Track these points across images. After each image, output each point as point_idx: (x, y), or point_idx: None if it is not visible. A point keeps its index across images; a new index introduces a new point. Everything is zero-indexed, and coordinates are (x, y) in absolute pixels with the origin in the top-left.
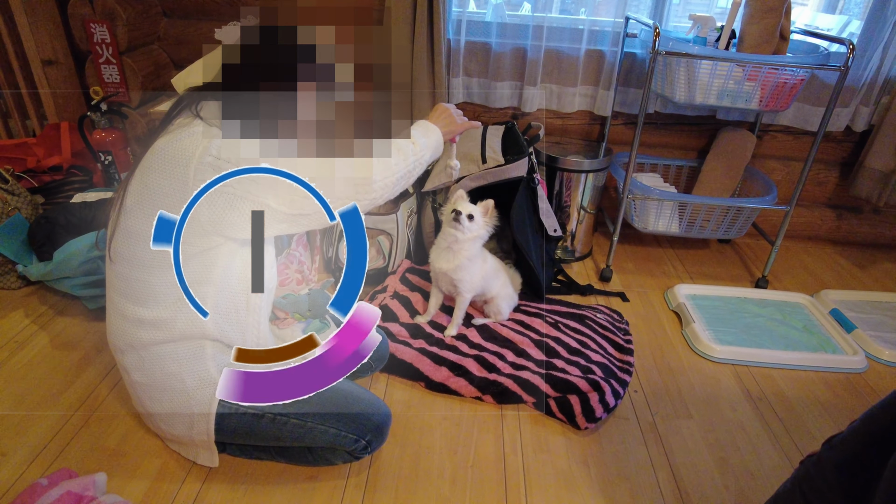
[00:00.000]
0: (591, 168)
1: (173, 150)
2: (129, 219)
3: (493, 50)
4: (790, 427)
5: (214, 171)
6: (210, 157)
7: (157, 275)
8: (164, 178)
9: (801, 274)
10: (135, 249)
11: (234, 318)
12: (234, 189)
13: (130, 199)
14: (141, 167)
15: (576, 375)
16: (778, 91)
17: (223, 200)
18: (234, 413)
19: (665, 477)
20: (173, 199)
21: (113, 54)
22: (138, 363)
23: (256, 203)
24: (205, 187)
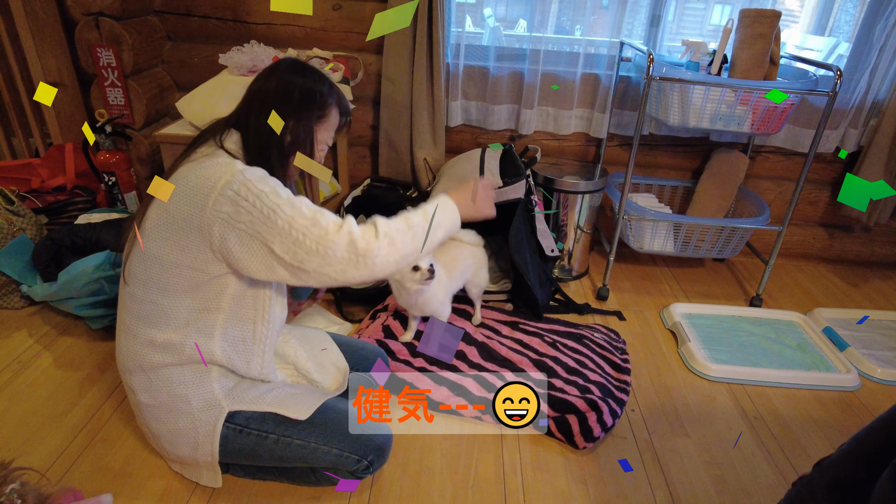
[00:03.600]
0: (587, 189)
1: (196, 179)
2: (150, 242)
3: (490, 74)
4: (785, 446)
5: (232, 205)
6: (231, 191)
7: (171, 298)
8: (185, 204)
9: (794, 292)
10: (150, 272)
11: (241, 346)
12: (245, 227)
13: (149, 223)
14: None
15: (574, 395)
16: (769, 115)
17: (234, 235)
18: (239, 434)
19: (662, 496)
20: (195, 227)
21: (118, 78)
22: (146, 384)
23: (264, 245)
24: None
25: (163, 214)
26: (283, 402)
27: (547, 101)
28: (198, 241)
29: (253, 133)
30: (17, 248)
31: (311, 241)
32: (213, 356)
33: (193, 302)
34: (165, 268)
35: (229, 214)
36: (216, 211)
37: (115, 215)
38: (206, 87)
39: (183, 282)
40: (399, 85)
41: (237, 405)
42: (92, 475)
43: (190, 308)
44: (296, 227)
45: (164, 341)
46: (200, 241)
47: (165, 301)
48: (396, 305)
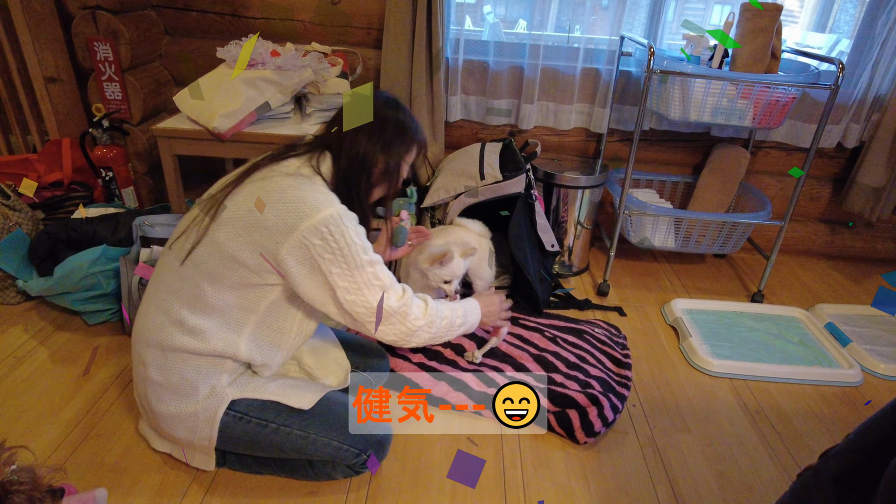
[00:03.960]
0: (587, 184)
1: (294, 198)
2: (220, 231)
3: (490, 68)
4: (787, 440)
5: (322, 241)
6: (326, 228)
7: (217, 289)
8: (274, 216)
9: (795, 288)
10: (208, 258)
11: (266, 349)
12: (323, 264)
13: (228, 214)
14: (251, 188)
15: (574, 390)
16: (770, 109)
17: (308, 265)
18: (239, 421)
19: (664, 491)
20: (273, 239)
21: (115, 72)
22: (160, 361)
23: (330, 286)
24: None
25: (245, 212)
26: (286, 391)
27: (547, 96)
28: (271, 249)
29: (344, 160)
30: (13, 242)
31: (368, 301)
32: (237, 352)
33: (236, 298)
34: (224, 260)
35: (315, 247)
36: (304, 238)
37: (112, 210)
38: (203, 82)
39: (235, 278)
40: (398, 80)
41: (240, 393)
42: (87, 470)
43: (231, 303)
44: (366, 287)
45: (194, 326)
46: (274, 249)
47: (210, 289)
48: None
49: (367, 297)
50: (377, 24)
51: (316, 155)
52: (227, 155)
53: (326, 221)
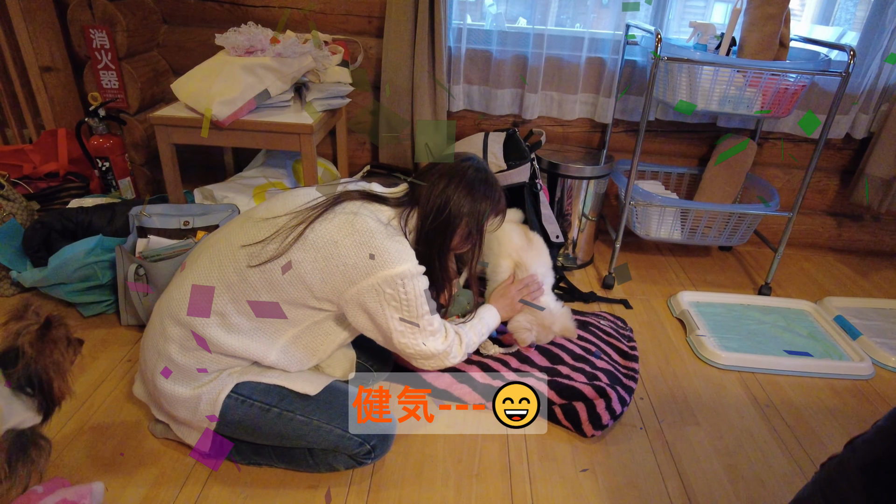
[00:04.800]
0: (592, 175)
1: (379, 245)
2: (298, 251)
3: (493, 57)
4: (799, 434)
5: (392, 291)
6: (400, 281)
7: (272, 300)
8: (355, 256)
9: (803, 281)
10: (276, 273)
11: (294, 362)
12: (386, 306)
13: (314, 237)
14: (342, 220)
15: (581, 382)
16: (779, 97)
17: (374, 305)
18: (241, 404)
19: (674, 485)
20: (347, 277)
21: (112, 60)
22: (185, 341)
23: (388, 325)
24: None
25: (328, 242)
26: (291, 376)
27: (551, 86)
28: (340, 285)
29: (429, 228)
30: (7, 233)
31: (419, 344)
32: (264, 358)
33: (286, 311)
34: (292, 277)
35: (385, 295)
36: (378, 285)
37: (107, 200)
38: (201, 69)
39: (294, 294)
40: (400, 69)
41: (244, 376)
42: (82, 463)
43: (280, 323)
44: (420, 334)
45: (234, 323)
46: (344, 286)
47: (266, 297)
48: None
49: (418, 342)
50: (378, 13)
51: (408, 211)
52: (225, 144)
53: (403, 275)
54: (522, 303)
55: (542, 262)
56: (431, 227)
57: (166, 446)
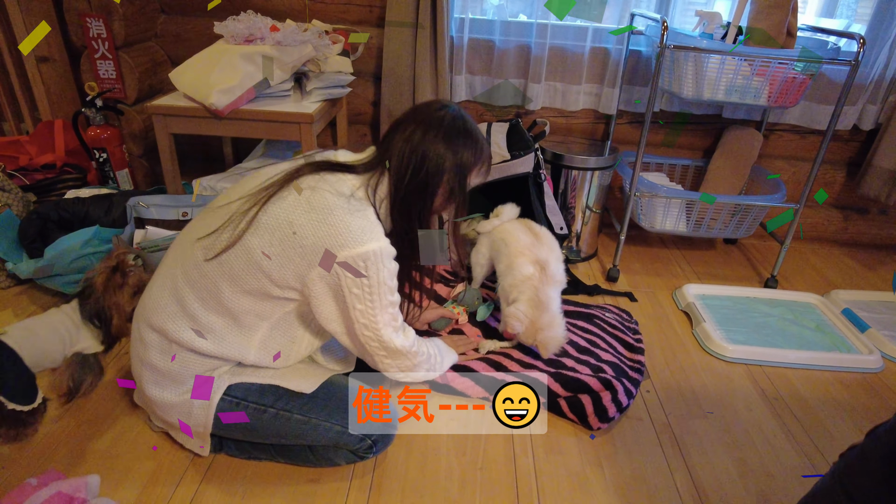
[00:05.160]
0: (597, 166)
1: (340, 222)
2: (254, 237)
3: (496, 47)
4: (808, 427)
5: (356, 274)
6: (363, 262)
7: (234, 292)
8: (314, 235)
9: (809, 274)
10: (235, 263)
11: (273, 355)
12: (347, 291)
13: (267, 220)
14: (297, 198)
15: (586, 374)
16: (787, 87)
17: (334, 290)
18: (236, 407)
19: (682, 478)
20: (306, 260)
21: (109, 49)
22: (164, 347)
23: (350, 313)
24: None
25: (283, 223)
26: (286, 374)
27: (555, 76)
28: (301, 268)
29: (405, 193)
30: (2, 224)
31: (384, 337)
32: (245, 357)
33: (252, 304)
34: (249, 266)
35: (346, 279)
36: (339, 268)
37: (106, 190)
38: (200, 57)
39: (256, 285)
40: (401, 58)
41: (237, 377)
42: (77, 457)
43: (245, 308)
44: (383, 326)
45: (206, 324)
46: (304, 269)
47: (228, 290)
48: None
49: (381, 334)
50: (379, 2)
51: (377, 176)
52: (224, 133)
53: (366, 256)
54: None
55: (555, 256)
56: (408, 190)
57: (164, 440)
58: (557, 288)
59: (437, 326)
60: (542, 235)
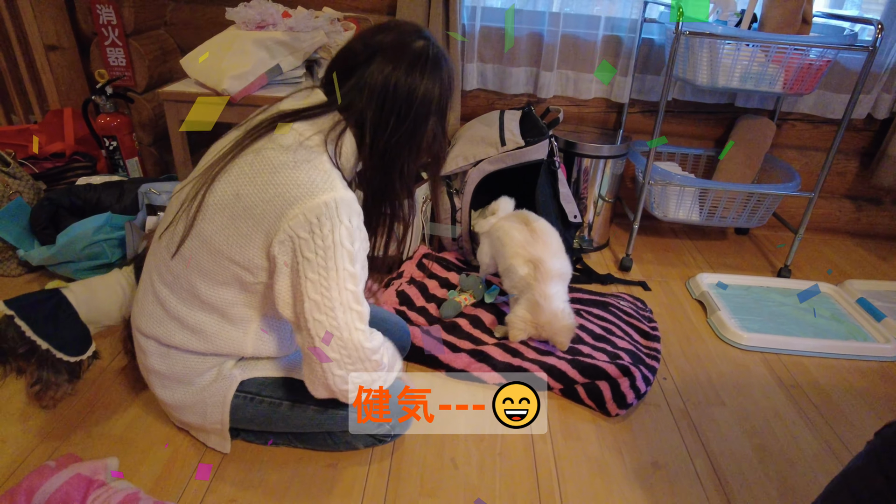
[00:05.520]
0: (610, 154)
1: (287, 180)
2: (207, 223)
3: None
4: (827, 415)
5: (308, 234)
6: (316, 219)
7: (211, 287)
8: (262, 200)
9: (822, 265)
10: (197, 254)
11: (275, 343)
12: (301, 259)
13: (215, 200)
14: (240, 167)
15: (603, 361)
16: (803, 73)
17: (291, 259)
18: (251, 402)
19: (702, 464)
20: (261, 231)
21: (119, 37)
22: (161, 352)
23: (303, 279)
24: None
25: (230, 199)
26: (299, 366)
27: (567, 64)
28: (259, 242)
29: (387, 143)
30: (14, 211)
31: (345, 333)
32: (242, 350)
33: (234, 296)
34: (213, 256)
35: (300, 241)
36: (291, 229)
37: (117, 178)
38: (212, 43)
39: (228, 275)
40: None
41: (249, 373)
42: (93, 441)
43: (229, 300)
44: (340, 309)
45: (194, 324)
46: (262, 243)
47: (204, 287)
48: (413, 273)
49: (338, 322)
50: None
51: (334, 120)
52: (236, 120)
53: (318, 210)
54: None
55: (551, 252)
56: (391, 141)
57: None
58: (557, 282)
59: (446, 314)
60: (539, 230)
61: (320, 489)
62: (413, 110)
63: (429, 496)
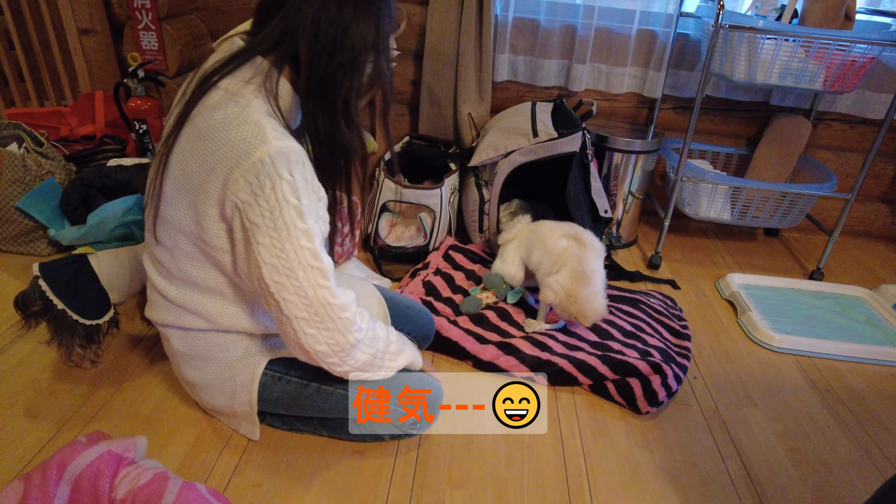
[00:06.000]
0: (642, 149)
1: (222, 143)
2: (169, 208)
3: (541, 27)
4: (864, 421)
5: (250, 196)
6: (255, 179)
7: (201, 268)
8: (206, 171)
9: (855, 269)
10: (175, 240)
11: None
12: (250, 226)
13: (169, 186)
14: (181, 148)
15: (634, 358)
16: (845, 71)
17: (237, 221)
18: (279, 381)
19: (735, 465)
20: (215, 203)
21: (152, 20)
22: (180, 334)
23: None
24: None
25: (179, 176)
26: None
27: (600, 58)
28: (216, 216)
29: (319, 77)
30: (45, 191)
31: (309, 292)
32: (253, 327)
33: (226, 275)
34: (189, 238)
35: (245, 207)
36: (234, 194)
37: (148, 161)
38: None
39: (208, 256)
40: (445, 35)
41: (278, 352)
42: (120, 420)
43: (223, 281)
44: (300, 268)
45: (198, 309)
46: (218, 216)
47: (195, 271)
48: (439, 264)
49: (300, 282)
50: None
51: (261, 65)
52: None
53: (255, 170)
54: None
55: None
56: (330, 70)
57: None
58: (599, 258)
59: (467, 310)
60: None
61: (347, 477)
62: (348, 41)
63: (456, 487)
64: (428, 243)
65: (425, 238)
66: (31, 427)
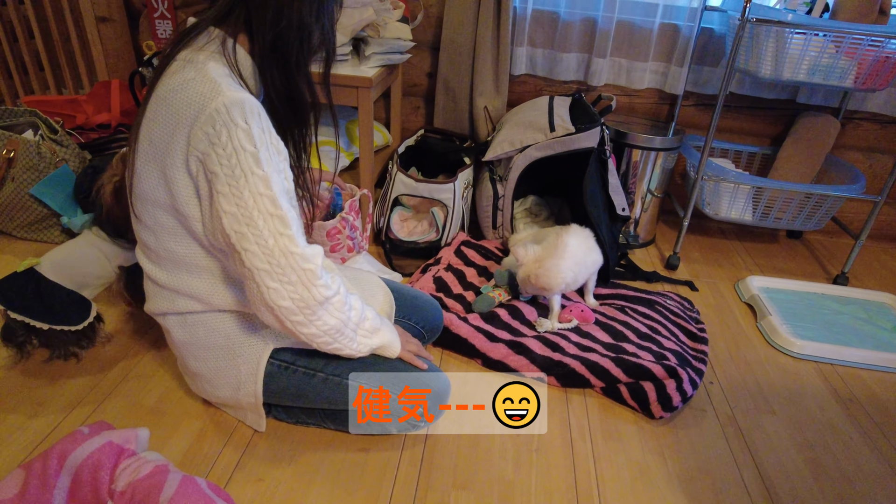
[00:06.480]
0: (662, 146)
1: (182, 102)
2: (142, 182)
3: (560, 19)
4: (889, 433)
5: (209, 147)
6: (212, 129)
7: (185, 245)
8: (169, 135)
9: (882, 274)
10: (156, 215)
11: None
12: (213, 177)
13: (140, 160)
14: (146, 119)
15: (649, 361)
16: (878, 68)
17: (200, 175)
18: (284, 371)
19: (751, 475)
20: (180, 164)
21: (168, 9)
22: (179, 322)
23: (216, 205)
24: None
25: (149, 148)
26: None
27: (620, 52)
28: (184, 179)
29: (271, 40)
30: (59, 178)
31: (270, 240)
32: (247, 304)
33: (204, 246)
34: (167, 210)
35: (208, 159)
36: (194, 147)
37: None
38: None
39: (190, 233)
40: (462, 26)
41: (283, 341)
42: (125, 411)
43: (204, 254)
44: (260, 216)
45: (189, 291)
46: (187, 176)
47: (179, 248)
48: (450, 259)
49: (260, 231)
50: None
51: (216, 34)
52: None
53: (211, 119)
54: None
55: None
56: (278, 29)
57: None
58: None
59: (479, 309)
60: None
61: (350, 473)
62: (295, 2)
63: (462, 488)
64: (440, 238)
65: (437, 233)
66: (35, 415)
